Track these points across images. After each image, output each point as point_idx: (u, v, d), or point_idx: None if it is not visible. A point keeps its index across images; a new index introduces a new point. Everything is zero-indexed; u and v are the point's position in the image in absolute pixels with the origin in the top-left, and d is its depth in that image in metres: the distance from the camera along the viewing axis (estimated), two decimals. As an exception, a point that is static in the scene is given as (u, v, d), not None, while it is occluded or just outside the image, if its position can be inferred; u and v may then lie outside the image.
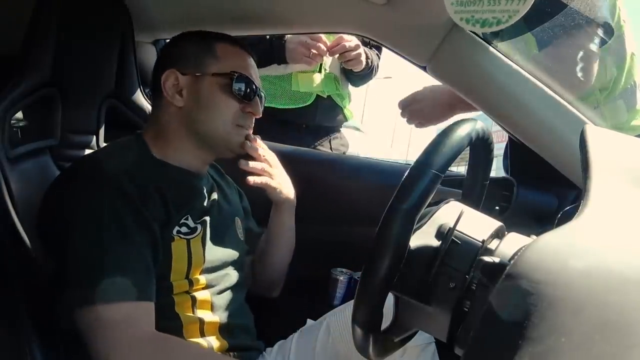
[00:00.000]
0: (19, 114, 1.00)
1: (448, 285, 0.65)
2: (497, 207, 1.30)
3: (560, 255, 0.44)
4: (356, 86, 1.97)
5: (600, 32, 1.28)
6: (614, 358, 0.35)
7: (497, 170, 1.38)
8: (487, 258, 0.60)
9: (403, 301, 0.70)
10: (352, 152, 2.02)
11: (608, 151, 0.63)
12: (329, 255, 1.45)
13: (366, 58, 1.75)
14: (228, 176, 1.25)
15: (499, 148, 1.23)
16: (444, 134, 0.67)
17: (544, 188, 1.33)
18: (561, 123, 1.12)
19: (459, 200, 0.80)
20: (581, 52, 1.29)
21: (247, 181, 1.12)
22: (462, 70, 1.15)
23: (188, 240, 0.99)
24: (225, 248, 1.08)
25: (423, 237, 0.68)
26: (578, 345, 0.36)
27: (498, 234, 0.71)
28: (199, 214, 1.04)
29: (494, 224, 0.72)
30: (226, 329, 1.03)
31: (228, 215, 1.14)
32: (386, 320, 0.69)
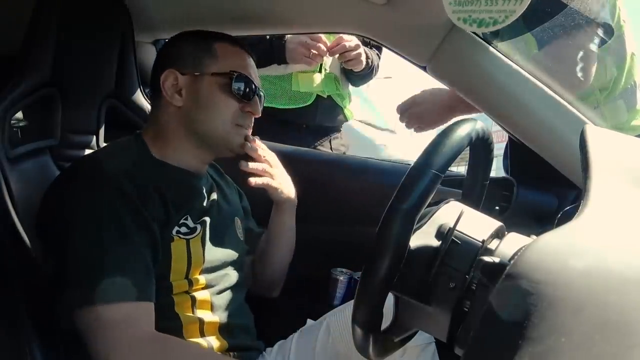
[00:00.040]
0: (19, 114, 1.01)
1: (448, 285, 0.65)
2: (497, 207, 1.30)
3: (560, 255, 0.44)
4: (356, 86, 1.97)
5: (600, 32, 1.28)
6: (614, 358, 0.35)
7: (497, 170, 1.38)
8: (487, 258, 0.60)
9: (403, 301, 0.70)
10: (390, 155, 2.02)
11: (608, 151, 0.63)
12: (329, 255, 1.45)
13: (366, 58, 1.74)
14: (228, 176, 1.25)
15: (499, 148, 1.23)
16: (444, 134, 0.67)
17: (544, 188, 1.32)
18: (561, 123, 1.12)
19: (459, 200, 0.80)
20: (581, 52, 1.29)
21: (248, 182, 1.12)
22: (462, 70, 1.15)
23: (187, 240, 0.99)
24: (224, 248, 1.07)
25: (423, 237, 0.68)
26: (578, 345, 0.36)
27: (498, 234, 0.71)
28: (199, 214, 1.04)
29: (494, 224, 0.72)
30: (226, 329, 1.03)
31: (228, 215, 1.14)
32: (386, 320, 0.69)
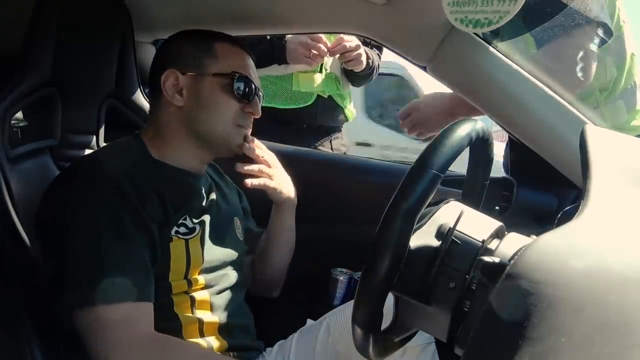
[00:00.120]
0: (19, 114, 1.01)
1: (448, 285, 0.65)
2: (497, 207, 1.30)
3: (560, 255, 0.44)
4: (357, 86, 1.97)
5: (599, 32, 1.28)
6: (614, 358, 0.35)
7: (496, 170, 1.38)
8: (487, 258, 0.60)
9: (403, 301, 0.70)
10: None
11: (608, 151, 0.63)
12: (329, 255, 1.45)
13: (367, 58, 1.75)
14: (227, 176, 1.25)
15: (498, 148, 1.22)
16: (444, 134, 0.67)
17: (544, 188, 1.33)
18: (561, 123, 1.12)
19: (459, 200, 0.80)
20: (581, 52, 1.29)
21: (245, 184, 1.12)
22: (462, 70, 1.15)
23: (186, 240, 0.99)
24: (224, 248, 1.07)
25: (423, 237, 0.68)
26: (578, 345, 0.36)
27: (498, 234, 0.71)
28: (198, 214, 1.04)
29: (494, 224, 0.72)
30: (225, 329, 1.03)
31: (227, 215, 1.14)
32: (386, 320, 0.69)
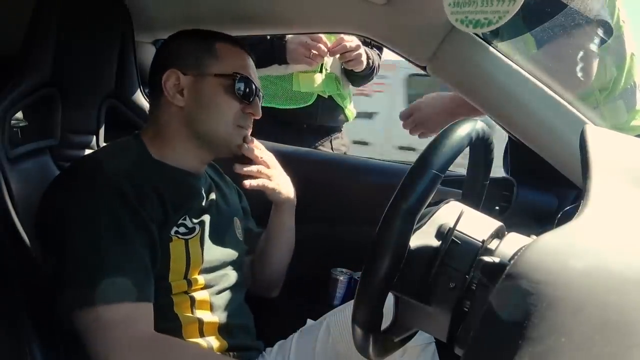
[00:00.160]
0: (19, 114, 1.01)
1: (448, 285, 0.65)
2: (497, 207, 1.30)
3: (560, 255, 0.44)
4: (357, 86, 1.96)
5: (600, 32, 1.28)
6: (614, 358, 0.35)
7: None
8: (487, 258, 0.60)
9: (403, 301, 0.70)
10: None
11: (608, 151, 0.63)
12: (329, 255, 1.45)
13: (367, 58, 1.74)
14: (227, 176, 1.25)
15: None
16: (444, 134, 0.67)
17: (544, 188, 1.32)
18: (561, 123, 1.12)
19: (459, 200, 0.80)
20: (581, 52, 1.29)
21: (243, 185, 1.12)
22: (462, 70, 1.15)
23: (186, 240, 0.99)
24: (223, 248, 1.07)
25: (423, 237, 0.68)
26: (578, 345, 0.36)
27: (498, 234, 0.71)
28: (197, 214, 1.04)
29: (494, 224, 0.72)
30: (225, 329, 1.03)
31: (227, 215, 1.14)
32: (386, 320, 0.69)
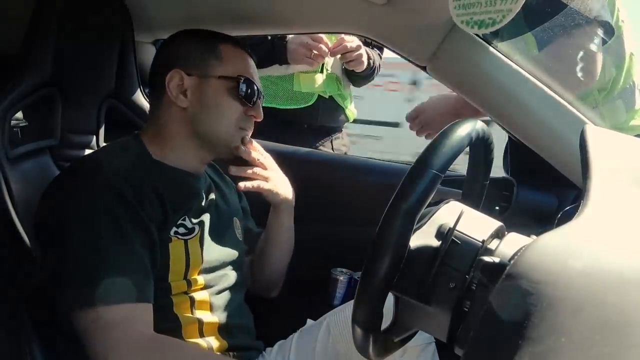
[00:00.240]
0: (19, 114, 1.01)
1: (448, 285, 0.65)
2: (497, 207, 1.30)
3: (559, 255, 0.44)
4: (358, 86, 1.97)
5: (600, 32, 1.28)
6: (614, 358, 0.35)
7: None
8: (487, 258, 0.60)
9: (403, 301, 0.70)
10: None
11: (608, 151, 0.63)
12: (329, 255, 1.45)
13: (368, 58, 1.75)
14: (227, 176, 1.25)
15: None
16: (444, 134, 0.67)
17: (544, 188, 1.33)
18: (561, 123, 1.12)
19: (459, 200, 0.80)
20: (582, 52, 1.29)
21: (238, 186, 1.12)
22: (462, 70, 1.15)
23: (186, 240, 0.99)
24: (223, 248, 1.07)
25: (423, 237, 0.68)
26: (578, 345, 0.36)
27: (498, 234, 0.71)
28: (197, 215, 1.04)
29: (494, 224, 0.72)
30: (225, 329, 1.03)
31: (226, 215, 1.14)
32: (386, 320, 0.69)
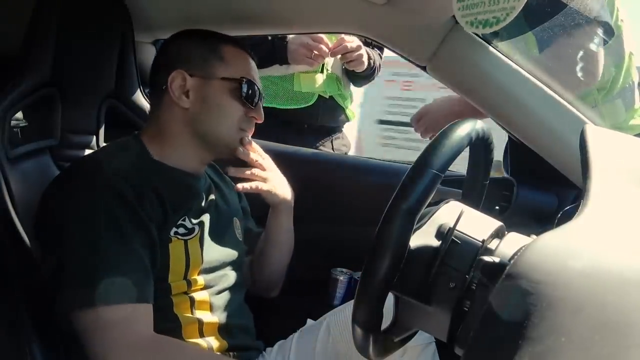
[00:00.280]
0: (19, 114, 1.01)
1: (448, 285, 0.65)
2: (497, 207, 1.30)
3: (559, 255, 0.44)
4: (358, 86, 1.97)
5: (600, 32, 1.28)
6: (613, 358, 0.35)
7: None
8: (487, 258, 0.60)
9: (403, 301, 0.70)
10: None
11: (608, 151, 0.63)
12: (329, 255, 1.45)
13: (368, 58, 1.74)
14: (227, 176, 1.25)
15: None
16: (444, 134, 0.67)
17: (544, 188, 1.33)
18: (561, 123, 1.12)
19: (459, 200, 0.80)
20: (583, 52, 1.29)
21: (236, 188, 1.12)
22: (462, 70, 1.15)
23: (185, 241, 0.99)
24: (223, 248, 1.07)
25: (423, 237, 0.68)
26: (577, 345, 0.36)
27: (498, 234, 0.71)
28: (197, 215, 1.04)
29: (494, 224, 0.72)
30: (225, 329, 1.03)
31: (226, 215, 1.14)
32: (386, 320, 0.69)
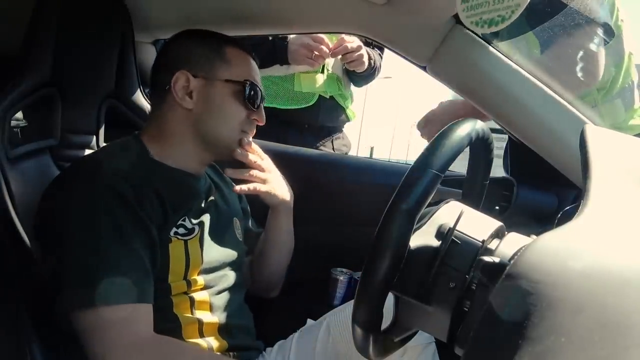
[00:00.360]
0: (19, 114, 1.01)
1: (448, 285, 0.65)
2: (497, 207, 1.30)
3: (559, 255, 0.44)
4: (359, 86, 1.97)
5: (600, 32, 1.28)
6: (613, 358, 0.35)
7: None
8: (487, 258, 0.60)
9: (403, 301, 0.70)
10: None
11: (608, 151, 0.63)
12: (329, 255, 1.45)
13: (368, 59, 1.75)
14: (227, 177, 1.25)
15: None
16: (444, 134, 0.67)
17: (544, 188, 1.33)
18: (561, 123, 1.12)
19: (459, 200, 0.80)
20: (583, 52, 1.29)
21: (234, 189, 1.12)
22: (462, 70, 1.15)
23: (185, 241, 0.99)
24: (223, 248, 1.07)
25: (423, 237, 0.68)
26: (577, 345, 0.36)
27: (498, 234, 0.71)
28: (197, 215, 1.04)
29: (494, 224, 0.72)
30: (225, 330, 1.03)
31: (226, 215, 1.14)
32: (386, 320, 0.69)
